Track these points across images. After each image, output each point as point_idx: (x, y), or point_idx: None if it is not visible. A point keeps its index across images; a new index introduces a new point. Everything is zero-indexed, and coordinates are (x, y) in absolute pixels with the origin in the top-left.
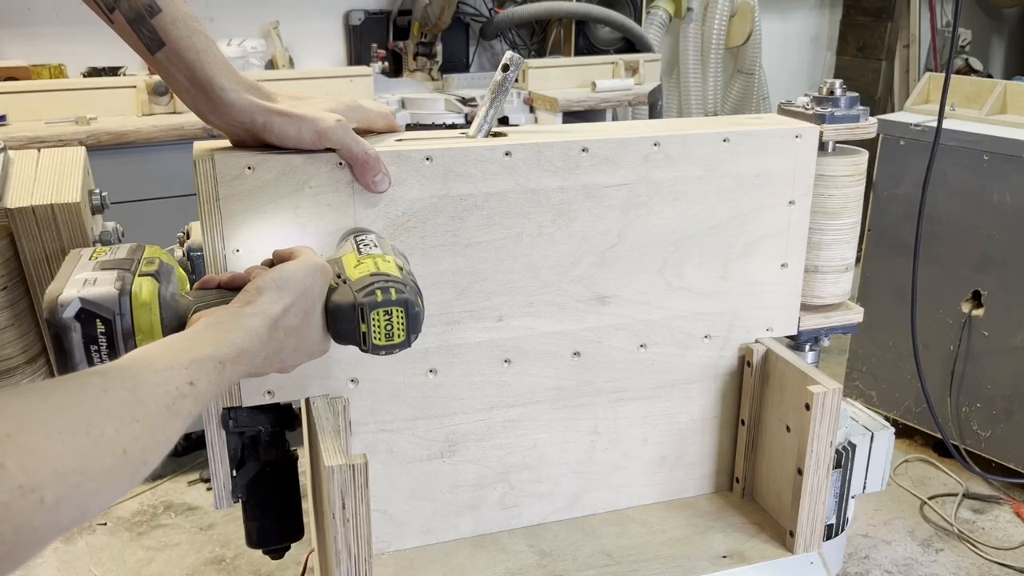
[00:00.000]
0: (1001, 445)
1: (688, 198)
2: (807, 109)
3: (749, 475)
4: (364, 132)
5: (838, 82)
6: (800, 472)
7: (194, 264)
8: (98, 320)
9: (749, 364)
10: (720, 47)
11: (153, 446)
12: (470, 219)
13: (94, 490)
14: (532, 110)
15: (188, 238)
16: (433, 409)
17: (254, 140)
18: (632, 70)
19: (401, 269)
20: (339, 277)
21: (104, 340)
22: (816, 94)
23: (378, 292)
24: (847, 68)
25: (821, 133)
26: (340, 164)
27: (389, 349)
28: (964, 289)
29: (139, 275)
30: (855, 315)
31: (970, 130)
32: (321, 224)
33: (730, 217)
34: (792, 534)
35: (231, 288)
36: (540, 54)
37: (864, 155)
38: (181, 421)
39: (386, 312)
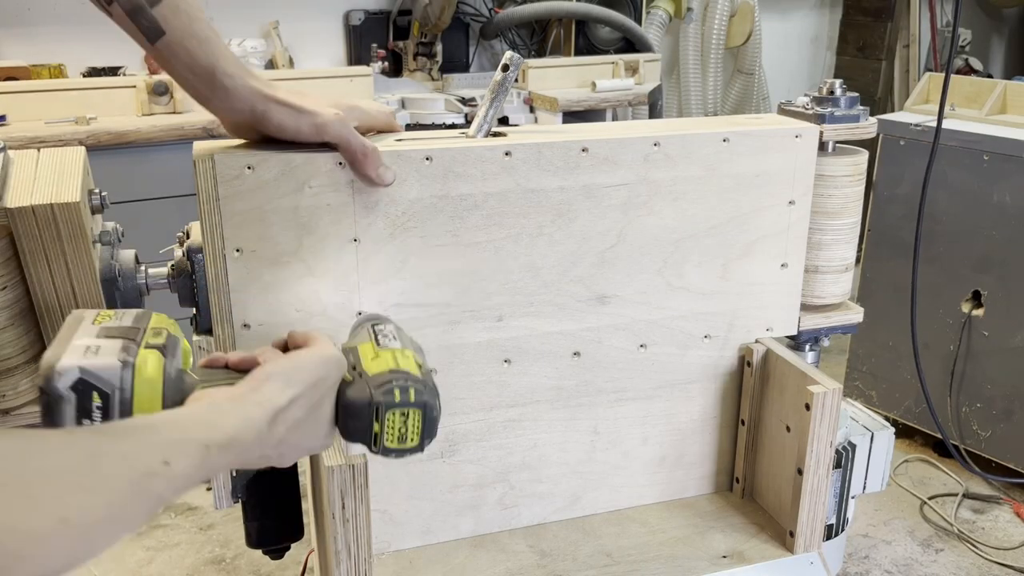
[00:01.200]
0: (1001, 445)
1: (688, 198)
2: (807, 109)
3: (749, 475)
4: (364, 132)
5: (838, 82)
6: (800, 472)
7: (194, 264)
8: (95, 393)
9: (749, 364)
10: (720, 47)
11: (106, 521)
12: (470, 219)
13: (16, 551)
14: (532, 110)
15: (188, 238)
16: None
17: (253, 131)
18: (632, 70)
19: (420, 366)
20: (354, 369)
21: (99, 414)
22: (816, 94)
23: (396, 391)
24: (847, 68)
25: (821, 133)
26: (340, 164)
27: (400, 453)
28: (964, 289)
29: (145, 347)
30: (855, 315)
31: (970, 130)
32: (321, 224)
33: (730, 217)
34: (792, 534)
35: (239, 370)
36: (540, 54)
37: (864, 155)
38: (148, 502)
39: (403, 413)
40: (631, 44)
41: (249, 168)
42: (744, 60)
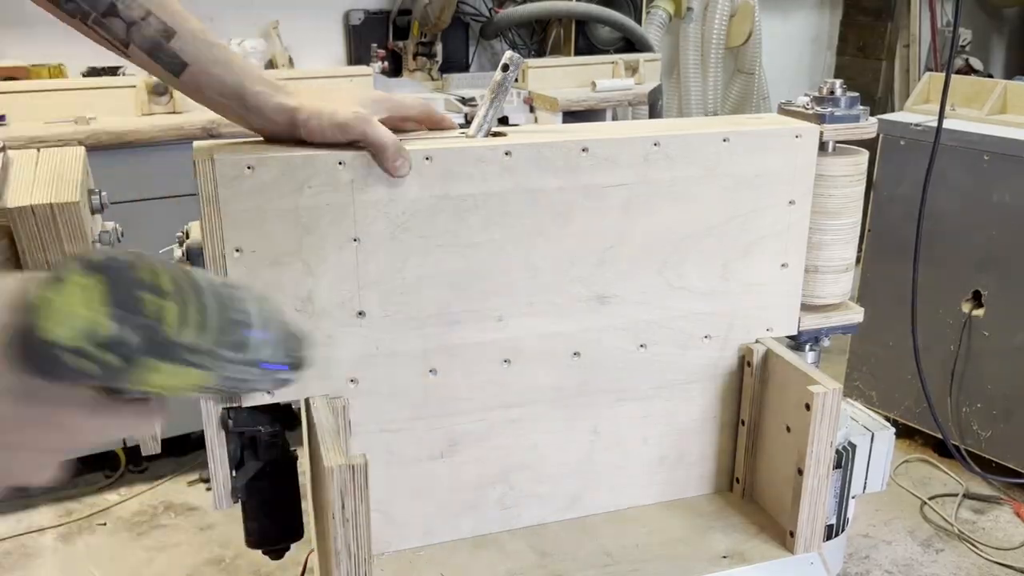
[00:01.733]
0: (1001, 445)
1: (688, 198)
2: (807, 109)
3: (749, 475)
4: (399, 122)
5: (838, 82)
6: (800, 472)
7: (194, 264)
8: None
9: (749, 364)
10: (720, 47)
11: None
12: (470, 219)
13: None
14: (532, 110)
15: (188, 238)
16: (433, 409)
17: (289, 139)
18: (632, 70)
19: None
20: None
21: None
22: (816, 94)
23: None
24: (847, 68)
25: (821, 133)
26: (340, 164)
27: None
28: (964, 289)
29: None
30: (855, 315)
31: (970, 130)
32: (321, 224)
33: (730, 217)
34: (792, 534)
35: None
36: (540, 54)
37: (864, 155)
38: None
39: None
40: (631, 44)
41: (249, 168)
42: (744, 60)
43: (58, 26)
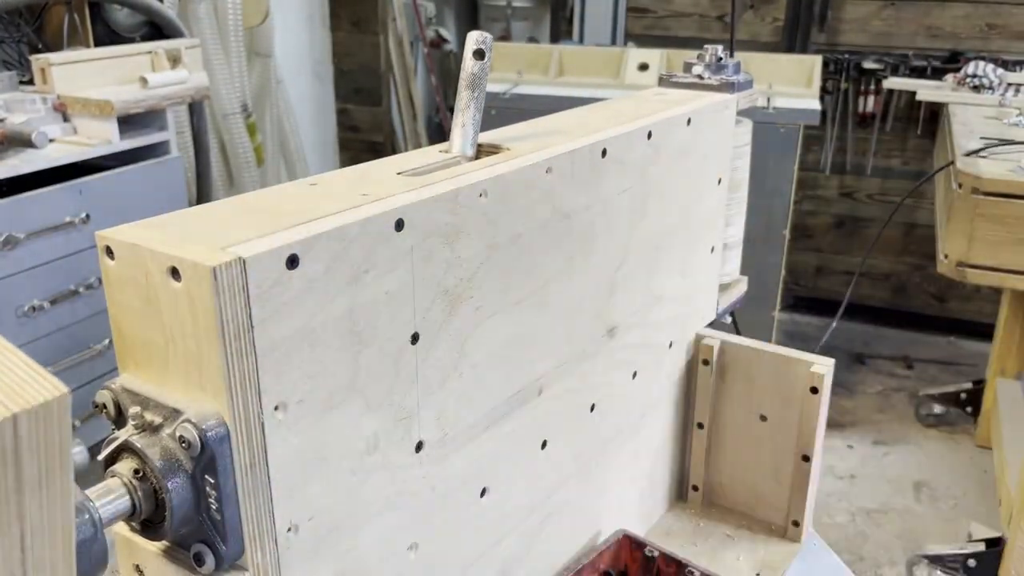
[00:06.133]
0: None
1: (670, 192)
2: (705, 79)
3: (709, 479)
4: None
5: (719, 48)
6: (807, 459)
7: (207, 454)
8: None
9: (706, 362)
10: (239, 27)
11: None
12: (517, 267)
13: None
14: (67, 118)
15: (143, 409)
16: (486, 538)
17: None
18: (174, 60)
19: None
20: None
21: None
22: (704, 63)
23: None
24: (345, 44)
25: (737, 102)
26: (399, 225)
27: None
28: None
29: None
30: (743, 287)
31: (542, 92)
32: (380, 327)
33: (687, 205)
34: (797, 523)
35: None
36: (45, 47)
37: (749, 122)
38: None
39: None
40: (158, 29)
41: (291, 262)
42: (260, 42)
43: None
